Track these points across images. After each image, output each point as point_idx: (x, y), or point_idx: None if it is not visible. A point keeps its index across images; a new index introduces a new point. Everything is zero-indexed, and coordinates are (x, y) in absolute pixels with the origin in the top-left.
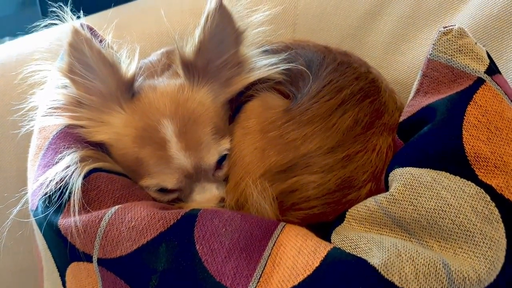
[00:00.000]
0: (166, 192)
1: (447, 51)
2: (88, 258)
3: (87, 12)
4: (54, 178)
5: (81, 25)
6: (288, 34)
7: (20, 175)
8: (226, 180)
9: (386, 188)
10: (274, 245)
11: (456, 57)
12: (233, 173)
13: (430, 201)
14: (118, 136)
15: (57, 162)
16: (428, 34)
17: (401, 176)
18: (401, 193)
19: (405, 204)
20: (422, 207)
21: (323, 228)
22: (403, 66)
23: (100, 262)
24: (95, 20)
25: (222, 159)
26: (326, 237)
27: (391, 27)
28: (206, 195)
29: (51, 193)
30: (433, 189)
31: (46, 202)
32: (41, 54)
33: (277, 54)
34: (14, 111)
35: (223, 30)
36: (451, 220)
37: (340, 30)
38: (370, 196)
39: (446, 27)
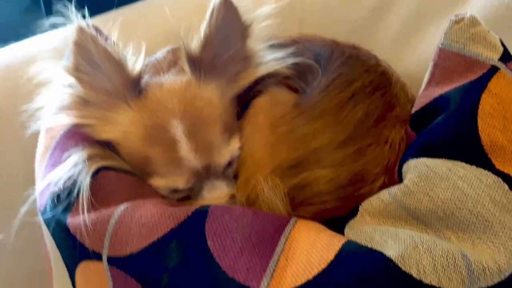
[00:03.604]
0: (176, 191)
1: (459, 39)
2: (97, 257)
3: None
4: (62, 177)
5: (87, 24)
6: (294, 29)
7: (29, 177)
8: (236, 176)
9: (400, 180)
10: (286, 240)
11: (469, 45)
12: (243, 169)
13: (446, 192)
14: (126, 135)
15: (64, 161)
16: (438, 25)
17: (415, 167)
18: (416, 184)
19: (421, 196)
20: (438, 198)
21: (336, 223)
22: (413, 59)
23: (110, 260)
24: (99, 21)
25: (233, 158)
26: (339, 232)
27: (400, 19)
28: (216, 193)
29: (59, 192)
30: (449, 179)
31: (54, 201)
32: (47, 54)
33: (284, 48)
34: (21, 113)
35: (229, 25)
36: (469, 210)
37: (348, 23)
38: (383, 189)
39: (458, 15)
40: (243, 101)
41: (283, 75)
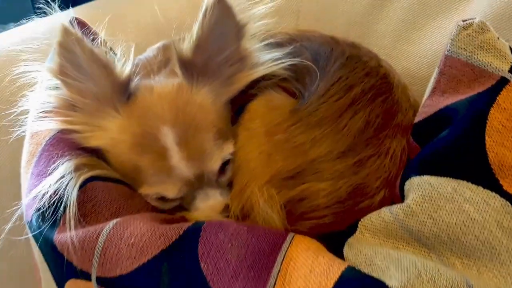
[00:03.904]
0: (167, 200)
1: (467, 47)
2: (86, 276)
3: (79, 2)
4: (48, 190)
5: (72, 21)
6: (291, 22)
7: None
8: (230, 185)
9: (401, 197)
10: (283, 260)
11: (477, 54)
12: (237, 178)
13: (451, 215)
14: (114, 142)
15: (50, 173)
16: (441, 22)
17: (418, 186)
18: (419, 205)
19: (424, 218)
20: (443, 221)
21: (333, 237)
22: (414, 56)
23: (99, 280)
24: (86, 10)
25: (225, 164)
26: (338, 248)
27: (401, 14)
28: (209, 202)
29: (44, 209)
30: (454, 201)
31: (40, 218)
32: (30, 54)
33: (281, 47)
34: (4, 116)
35: (223, 25)
36: (475, 236)
37: (347, 17)
38: (384, 203)
39: (466, 20)
40: (237, 105)
41: (279, 77)
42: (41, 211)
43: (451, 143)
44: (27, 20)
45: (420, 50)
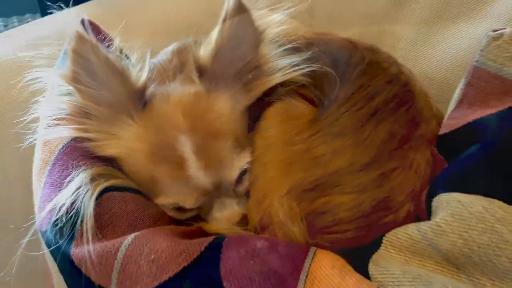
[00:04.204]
0: (184, 210)
1: (497, 59)
2: None
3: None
4: (64, 203)
5: (86, 26)
6: (304, 20)
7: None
8: (247, 194)
9: (428, 212)
10: (306, 278)
11: (508, 66)
12: (254, 188)
13: (483, 236)
14: (130, 151)
15: (66, 184)
16: (462, 25)
17: (448, 204)
18: (449, 225)
19: (454, 237)
20: (474, 241)
21: (356, 251)
22: (432, 60)
23: None
24: (94, 8)
25: (242, 173)
26: (360, 263)
27: (420, 15)
28: (226, 212)
29: (61, 223)
30: (485, 221)
31: (57, 233)
32: (42, 61)
33: (299, 52)
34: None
35: (243, 31)
36: (508, 259)
37: (363, 17)
38: (408, 218)
39: (496, 30)
40: (253, 112)
41: (297, 84)
42: (58, 226)
43: (481, 160)
44: (30, 15)
45: (439, 53)
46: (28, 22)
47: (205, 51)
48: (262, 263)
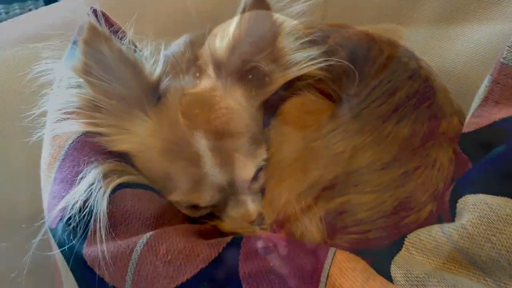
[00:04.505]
0: (198, 208)
1: None
2: None
3: None
4: (77, 201)
5: (99, 17)
6: (318, 11)
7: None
8: (263, 191)
9: (452, 214)
10: (327, 280)
11: None
12: (271, 185)
13: (511, 239)
14: (143, 147)
15: (78, 181)
16: (481, 18)
17: (474, 206)
18: (476, 228)
19: (481, 241)
20: (502, 245)
21: (377, 252)
22: (450, 54)
23: None
24: None
25: (258, 170)
26: (382, 265)
27: (438, 7)
28: (241, 210)
29: (74, 223)
30: None
31: (70, 232)
32: (51, 52)
33: (316, 46)
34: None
35: (261, 24)
36: None
37: (378, 8)
38: (430, 218)
39: None
40: (269, 107)
41: (314, 78)
42: (71, 225)
43: (509, 160)
44: (32, 2)
45: (456, 47)
46: (30, 9)
47: (221, 44)
48: (281, 266)
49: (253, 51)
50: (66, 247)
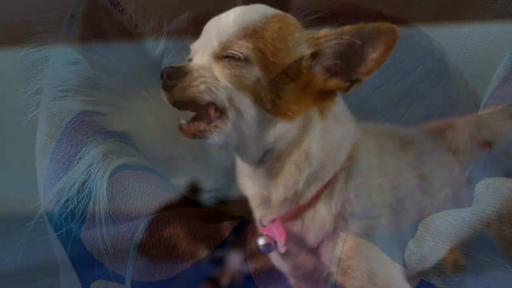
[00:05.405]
0: (202, 191)
1: None
2: (119, 279)
3: None
4: (75, 182)
5: None
6: None
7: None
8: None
9: (469, 198)
10: (338, 266)
11: None
12: (277, 168)
13: None
14: (145, 127)
15: (76, 162)
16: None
17: (494, 190)
18: (497, 212)
19: (503, 226)
20: None
21: (389, 237)
22: (461, 35)
23: (135, 285)
24: None
25: (265, 153)
26: (396, 250)
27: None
28: (247, 194)
29: (72, 205)
30: None
31: (67, 214)
32: (48, 26)
33: (325, 23)
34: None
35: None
36: None
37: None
38: (445, 202)
39: None
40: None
41: (323, 56)
42: (69, 207)
43: None
44: None
45: (469, 28)
46: None
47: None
48: (289, 249)
49: None
50: (64, 230)
